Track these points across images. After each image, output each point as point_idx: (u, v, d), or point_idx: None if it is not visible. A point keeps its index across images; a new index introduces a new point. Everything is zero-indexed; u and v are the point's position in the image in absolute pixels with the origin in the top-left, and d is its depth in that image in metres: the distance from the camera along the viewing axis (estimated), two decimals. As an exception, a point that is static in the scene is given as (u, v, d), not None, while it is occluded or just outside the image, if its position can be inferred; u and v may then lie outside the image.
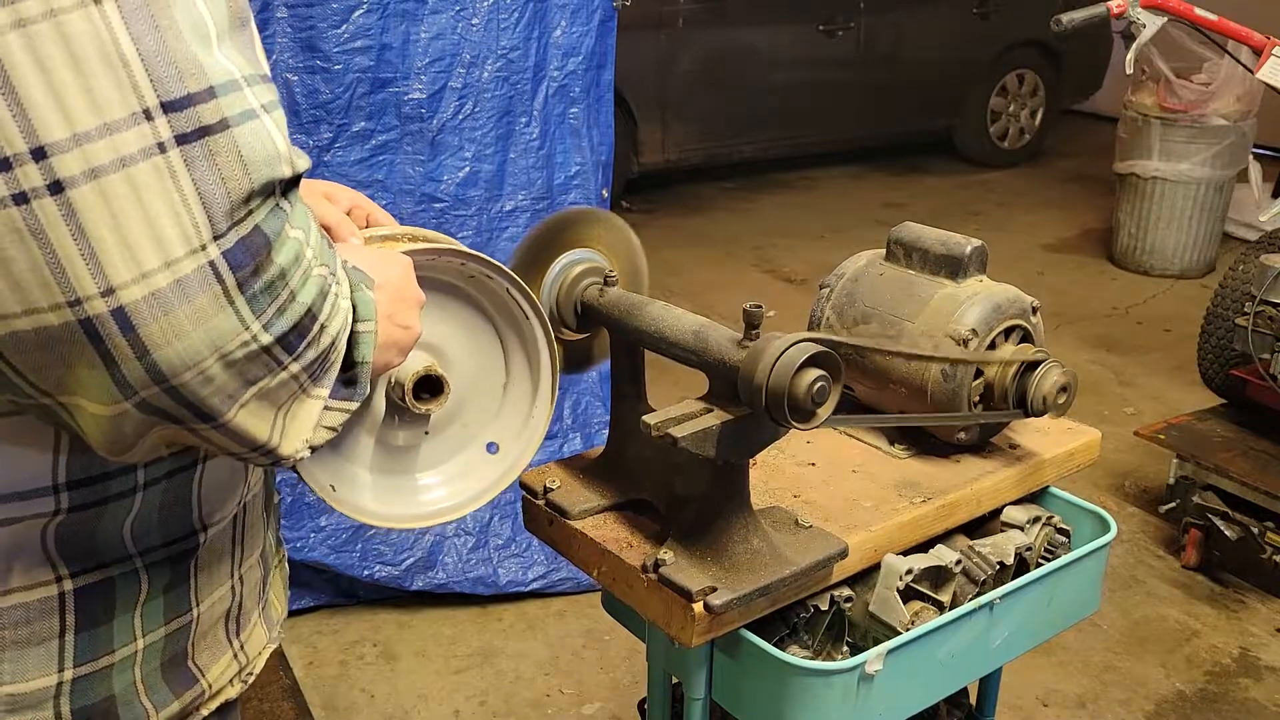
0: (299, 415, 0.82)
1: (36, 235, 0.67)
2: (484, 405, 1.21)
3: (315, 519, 2.76)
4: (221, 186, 0.70)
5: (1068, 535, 1.55)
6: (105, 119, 0.67)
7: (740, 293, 5.08)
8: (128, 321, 0.69)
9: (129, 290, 0.68)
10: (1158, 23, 3.42)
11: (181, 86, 0.68)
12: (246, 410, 0.77)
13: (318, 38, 2.52)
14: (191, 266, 0.70)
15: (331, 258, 0.81)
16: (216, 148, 0.69)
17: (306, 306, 0.76)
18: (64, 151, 0.66)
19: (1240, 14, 3.64)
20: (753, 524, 1.26)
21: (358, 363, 0.85)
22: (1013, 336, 1.49)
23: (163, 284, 0.69)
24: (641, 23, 5.73)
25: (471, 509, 1.20)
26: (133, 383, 0.71)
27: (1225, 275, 3.27)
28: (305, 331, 0.77)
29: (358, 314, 0.84)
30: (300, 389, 0.80)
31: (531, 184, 2.81)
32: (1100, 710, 2.66)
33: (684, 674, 1.36)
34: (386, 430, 1.14)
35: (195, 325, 0.70)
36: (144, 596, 0.93)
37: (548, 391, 1.22)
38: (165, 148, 0.68)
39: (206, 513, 0.96)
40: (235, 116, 0.70)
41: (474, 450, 1.21)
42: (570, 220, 1.39)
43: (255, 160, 0.71)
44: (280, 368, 0.77)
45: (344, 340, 0.82)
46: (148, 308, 0.69)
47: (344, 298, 0.82)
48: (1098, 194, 6.75)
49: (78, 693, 0.90)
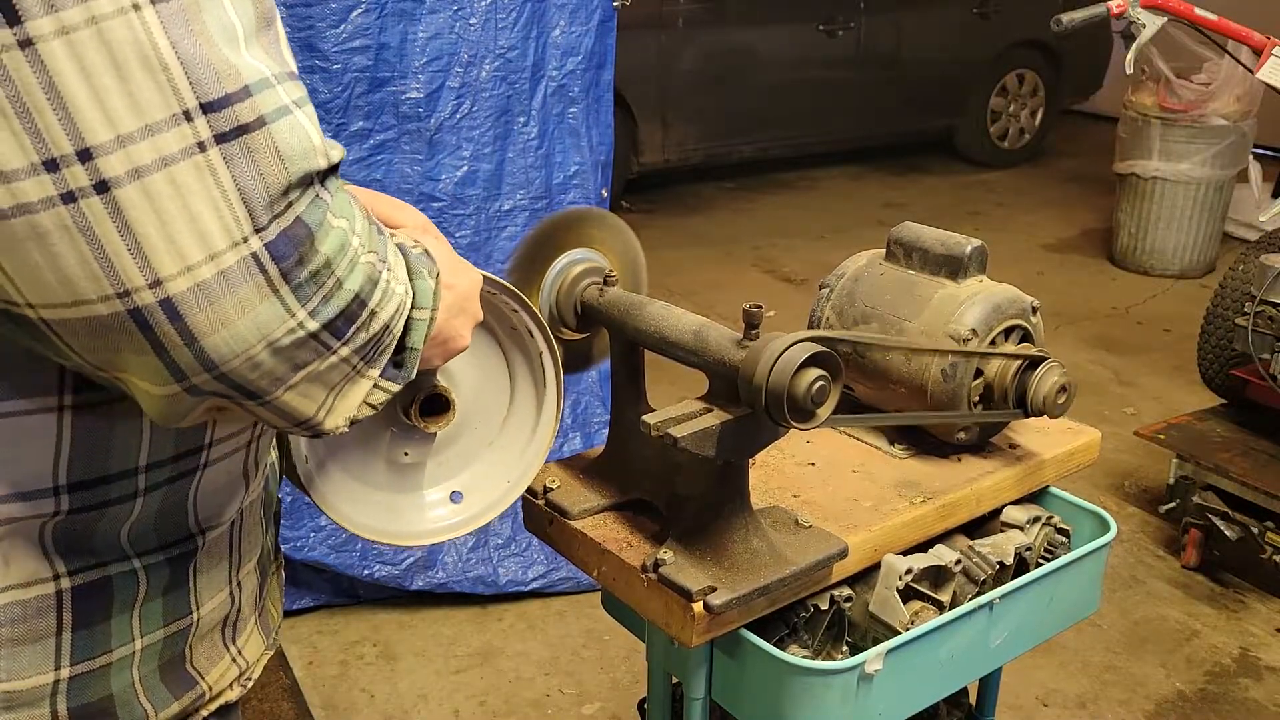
0: (349, 394, 0.85)
1: (84, 232, 0.69)
2: (489, 422, 1.21)
3: (315, 519, 2.76)
4: (260, 181, 0.72)
5: (1067, 535, 1.55)
6: (147, 121, 0.69)
7: (740, 293, 5.08)
8: (175, 311, 0.72)
9: (175, 282, 0.71)
10: (1158, 23, 3.42)
11: (219, 88, 0.71)
12: (295, 391, 0.80)
13: (316, 37, 2.52)
14: (234, 258, 0.72)
15: (382, 245, 0.83)
16: (254, 144, 0.72)
17: (354, 293, 0.79)
18: (108, 153, 0.69)
19: (1240, 14, 3.64)
20: (753, 524, 1.26)
21: (408, 347, 0.87)
22: (1013, 336, 1.49)
23: (207, 275, 0.72)
24: (641, 23, 5.73)
25: (479, 525, 1.20)
26: (184, 368, 0.74)
27: (1225, 275, 3.27)
28: (354, 317, 0.79)
29: (415, 300, 0.87)
30: (354, 370, 0.83)
31: (530, 183, 2.81)
32: (1100, 710, 2.66)
33: (684, 674, 1.36)
34: (393, 448, 1.14)
35: (240, 314, 0.73)
36: (142, 597, 0.93)
37: (552, 407, 1.22)
38: (205, 147, 0.71)
39: (204, 517, 0.96)
40: (271, 114, 0.73)
41: (481, 464, 1.21)
42: (570, 220, 1.39)
43: (292, 154, 0.73)
44: (330, 352, 0.79)
45: (399, 324, 0.85)
46: (194, 298, 0.72)
47: (398, 283, 0.84)
48: (1098, 194, 6.76)
49: (74, 691, 0.90)
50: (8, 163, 0.68)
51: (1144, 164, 5.31)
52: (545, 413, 1.22)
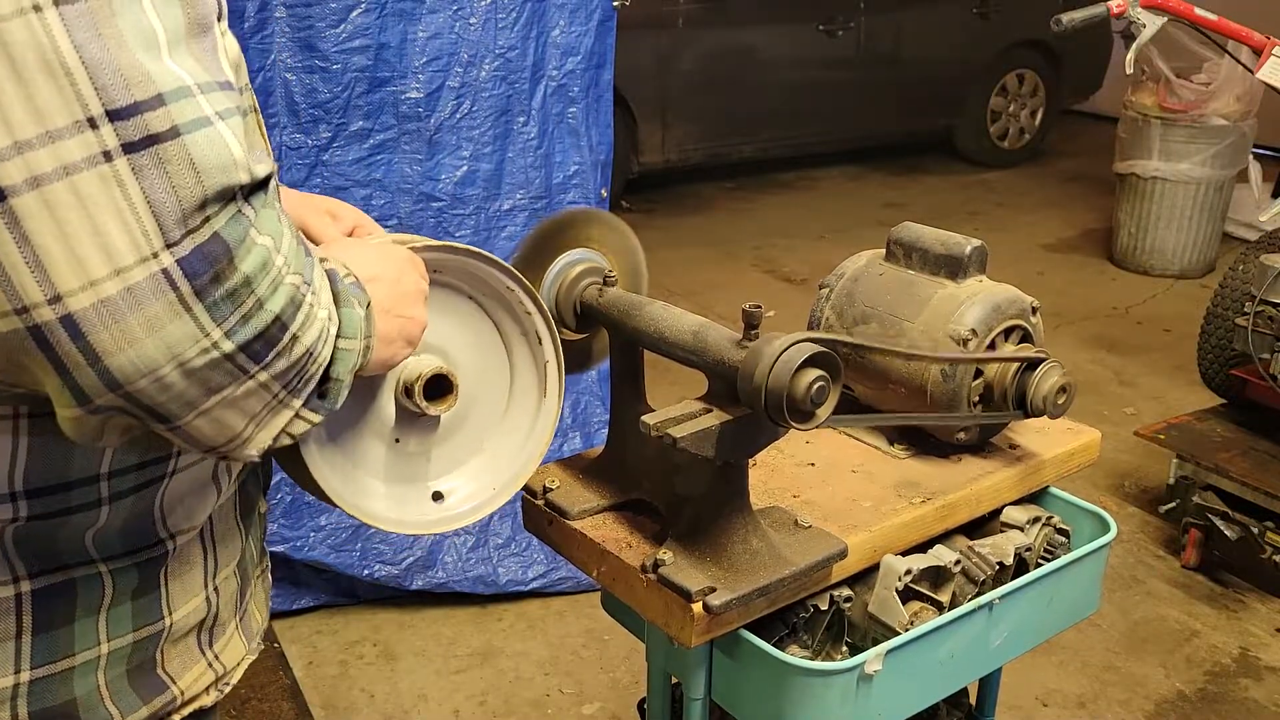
0: (269, 424, 0.81)
1: None
2: (493, 403, 1.21)
3: (315, 519, 2.76)
4: (172, 195, 0.69)
5: (1067, 535, 1.55)
6: (47, 127, 0.66)
7: (740, 293, 5.08)
8: (77, 329, 0.69)
9: (76, 298, 0.68)
10: (1158, 23, 3.42)
11: (128, 95, 0.68)
12: (207, 417, 0.76)
13: (316, 37, 2.52)
14: (143, 274, 0.69)
15: (307, 267, 0.80)
16: (166, 155, 0.69)
17: (275, 315, 0.75)
18: (5, 160, 0.66)
19: (1240, 14, 3.64)
20: (752, 524, 1.26)
21: (333, 378, 0.84)
22: (1012, 337, 1.49)
23: (111, 292, 0.69)
24: (641, 23, 5.73)
25: (485, 513, 1.20)
26: (87, 390, 0.71)
27: (1225, 275, 3.26)
28: (274, 341, 0.76)
29: (341, 330, 0.83)
30: (274, 399, 0.80)
31: (530, 183, 2.81)
32: (1100, 710, 2.66)
33: (684, 674, 1.36)
34: (397, 436, 1.14)
35: (149, 332, 0.70)
36: (109, 601, 0.92)
37: (555, 389, 1.21)
38: (111, 156, 0.68)
39: (172, 523, 0.95)
40: (186, 124, 0.70)
41: (483, 454, 1.21)
42: (570, 220, 1.39)
43: (209, 167, 0.70)
44: (247, 376, 0.76)
45: (325, 352, 0.81)
46: (96, 315, 0.69)
47: (321, 307, 0.81)
48: (1098, 194, 6.75)
49: (35, 695, 0.89)
50: None
51: (1144, 164, 5.31)
52: (547, 399, 1.22)
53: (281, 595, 2.87)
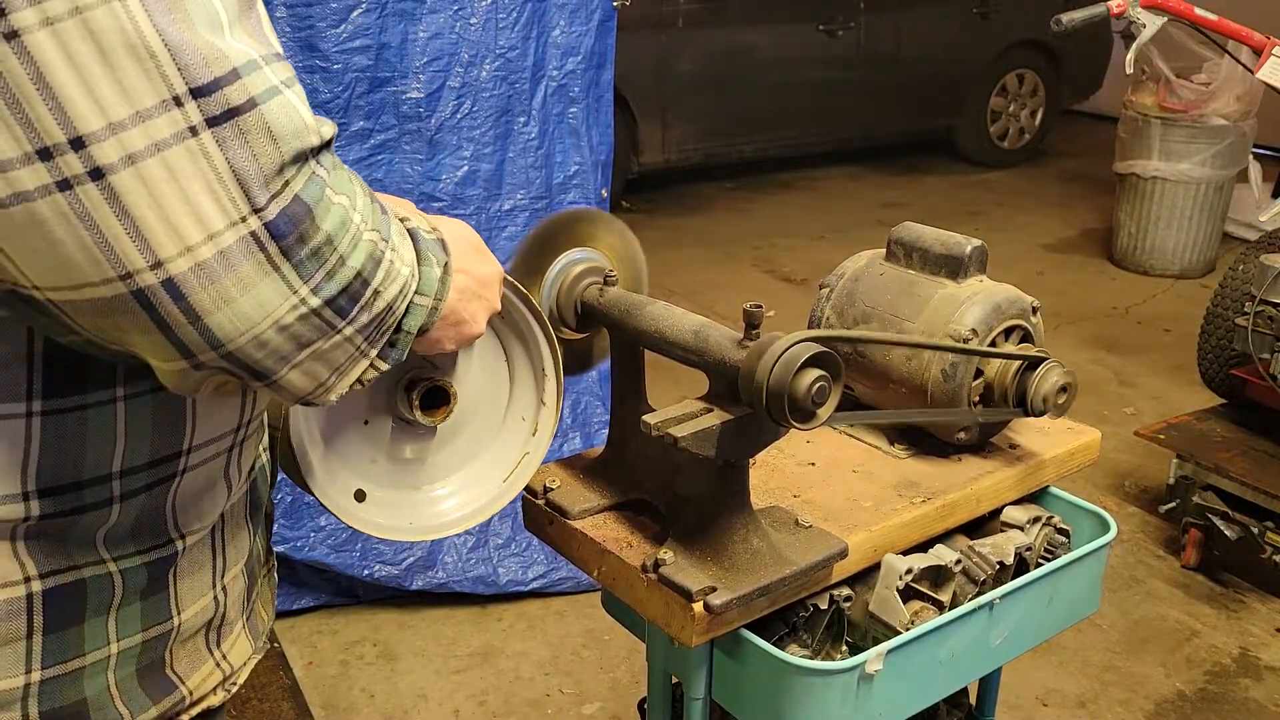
0: (349, 373, 0.86)
1: (83, 218, 0.70)
2: (490, 416, 1.21)
3: (315, 519, 2.76)
4: (254, 162, 0.73)
5: (1068, 535, 1.55)
6: (137, 107, 0.70)
7: (740, 293, 5.08)
8: (178, 290, 0.73)
9: (175, 263, 0.72)
10: (1158, 23, 3.42)
11: (208, 72, 0.71)
12: (299, 369, 0.81)
13: (316, 37, 2.52)
14: (233, 238, 0.73)
15: (385, 224, 0.84)
16: (246, 126, 0.73)
17: (356, 270, 0.79)
18: (101, 140, 0.70)
19: (1240, 14, 3.64)
20: (753, 524, 1.26)
21: (404, 330, 0.88)
22: (1013, 336, 1.49)
23: (206, 255, 0.73)
24: (641, 23, 5.73)
25: (481, 519, 1.20)
26: (191, 346, 0.76)
27: (1225, 275, 3.27)
28: (357, 296, 0.80)
29: (420, 286, 0.88)
30: (358, 351, 0.84)
31: (530, 183, 2.81)
32: (1100, 710, 2.66)
33: (684, 674, 1.36)
34: (394, 443, 1.14)
35: (242, 291, 0.74)
36: (119, 601, 0.92)
37: (553, 402, 1.21)
38: (197, 130, 0.72)
39: (184, 522, 0.95)
40: (261, 95, 0.73)
41: (481, 461, 1.21)
42: (570, 220, 1.39)
43: (284, 134, 0.74)
44: (334, 331, 0.80)
45: (403, 306, 0.86)
46: (195, 277, 0.73)
47: (404, 264, 0.85)
48: (1098, 194, 6.76)
49: (46, 695, 0.89)
50: (2, 153, 0.68)
51: (1144, 164, 5.31)
52: (546, 407, 1.22)
53: (281, 595, 2.87)
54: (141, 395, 0.87)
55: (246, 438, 1.00)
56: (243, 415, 0.98)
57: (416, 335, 0.90)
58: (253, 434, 1.02)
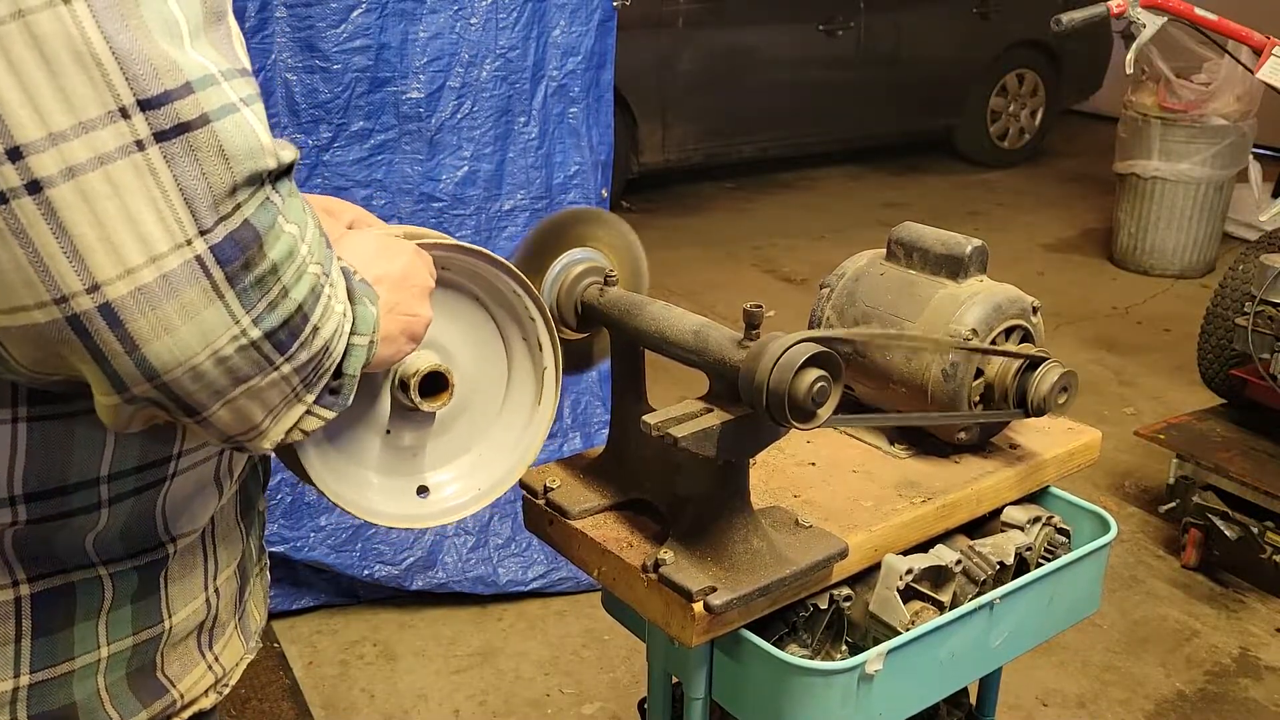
0: (284, 418, 0.81)
1: (18, 235, 0.67)
2: (488, 403, 1.21)
3: (315, 519, 2.76)
4: (204, 181, 0.69)
5: (1068, 535, 1.55)
6: (80, 118, 0.67)
7: (740, 293, 5.08)
8: (115, 317, 0.69)
9: (114, 286, 0.69)
10: (1158, 23, 3.42)
11: (158, 84, 0.68)
12: (231, 407, 0.77)
13: (316, 37, 2.52)
14: (177, 261, 0.69)
15: (327, 259, 0.80)
16: (197, 143, 0.69)
17: (298, 304, 0.75)
18: (40, 151, 0.66)
19: (1240, 14, 3.64)
20: (753, 524, 1.26)
21: (346, 374, 0.84)
22: (1013, 336, 1.49)
23: (148, 279, 0.69)
24: (641, 23, 5.73)
25: (478, 507, 1.20)
26: (125, 378, 0.72)
27: (1225, 275, 3.27)
28: (297, 331, 0.76)
29: (355, 326, 0.83)
30: (293, 392, 0.80)
31: (530, 183, 2.81)
32: (1100, 710, 2.66)
33: (684, 673, 1.36)
34: (392, 430, 1.14)
35: (184, 319, 0.70)
36: (109, 605, 0.91)
37: (552, 388, 1.21)
38: (144, 145, 0.68)
39: (174, 526, 0.94)
40: (215, 111, 0.70)
41: (479, 449, 1.21)
42: (570, 220, 1.39)
43: (237, 154, 0.70)
44: (271, 367, 0.76)
45: (339, 347, 0.81)
46: (134, 303, 0.69)
47: (339, 301, 0.81)
48: (1098, 194, 6.76)
49: (35, 699, 0.89)
50: None
51: (1144, 164, 5.31)
52: (545, 391, 1.21)
53: (281, 595, 2.87)
54: None
55: None
56: None
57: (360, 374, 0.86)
58: None
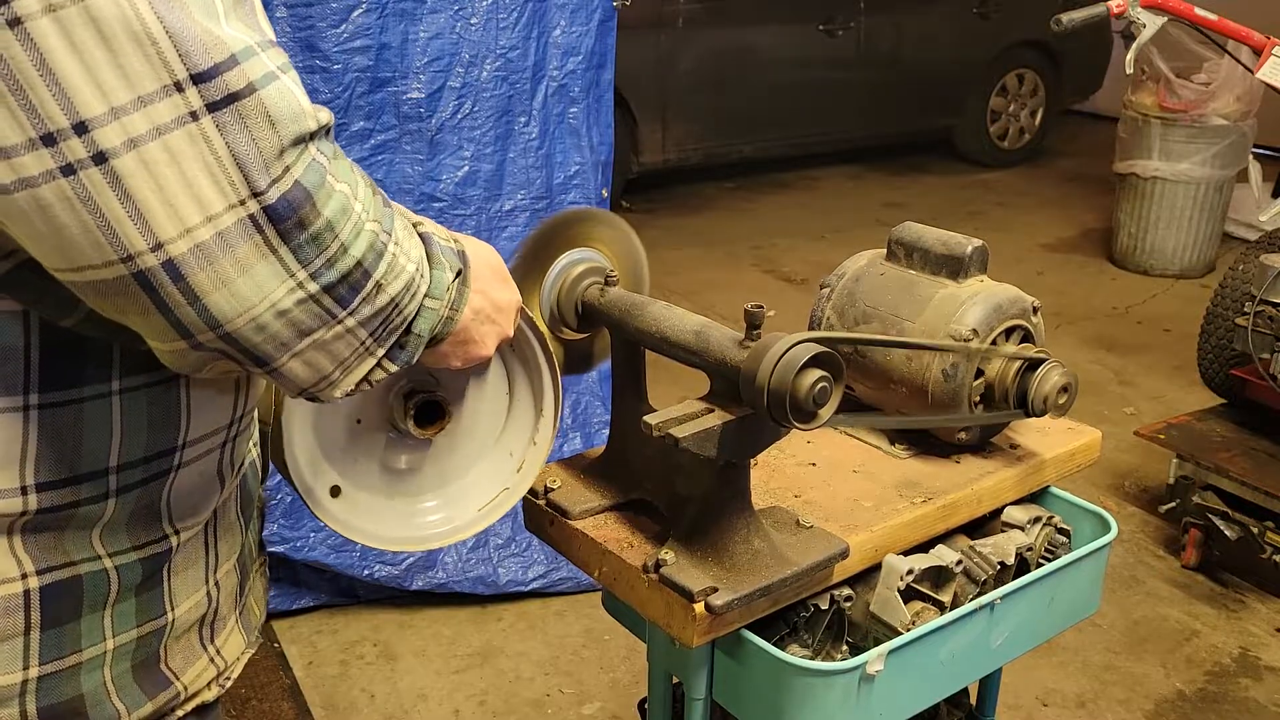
0: (355, 370, 0.86)
1: (85, 202, 0.72)
2: (487, 430, 1.21)
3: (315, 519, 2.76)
4: (254, 146, 0.74)
5: (1068, 535, 1.55)
6: (139, 93, 0.71)
7: (740, 293, 5.08)
8: (177, 271, 0.74)
9: (176, 244, 0.74)
10: (1158, 23, 3.42)
11: (208, 58, 0.72)
12: (300, 359, 0.81)
13: (316, 37, 2.52)
14: (231, 220, 0.74)
15: (388, 217, 0.84)
16: (246, 111, 0.74)
17: (357, 260, 0.80)
18: (103, 125, 0.71)
19: (1240, 14, 3.64)
20: (754, 524, 1.26)
21: (414, 332, 0.88)
22: (1013, 336, 1.49)
23: (205, 237, 0.74)
24: (641, 23, 5.73)
25: (471, 533, 1.20)
26: (189, 326, 0.77)
27: (1225, 275, 3.26)
28: (358, 286, 0.81)
29: (431, 289, 0.88)
30: (362, 347, 0.84)
31: (531, 183, 2.81)
32: (1100, 710, 2.66)
33: (684, 674, 1.36)
34: (389, 454, 1.14)
35: (240, 272, 0.75)
36: (114, 597, 0.92)
37: (550, 417, 1.21)
38: (198, 115, 0.73)
39: (178, 517, 0.96)
40: (259, 80, 0.74)
41: (474, 474, 1.21)
42: (571, 220, 1.39)
43: (283, 118, 0.75)
44: (334, 320, 0.81)
45: (411, 306, 0.86)
46: (194, 258, 0.74)
47: (409, 261, 0.85)
48: (1098, 194, 6.76)
49: (44, 691, 0.90)
50: (6, 139, 0.70)
51: (1144, 164, 5.31)
52: (535, 448, 1.22)
53: (281, 595, 2.87)
54: (137, 389, 0.88)
55: (239, 433, 1.01)
56: (235, 411, 0.99)
57: (428, 343, 0.90)
58: (245, 430, 1.02)
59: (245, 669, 1.10)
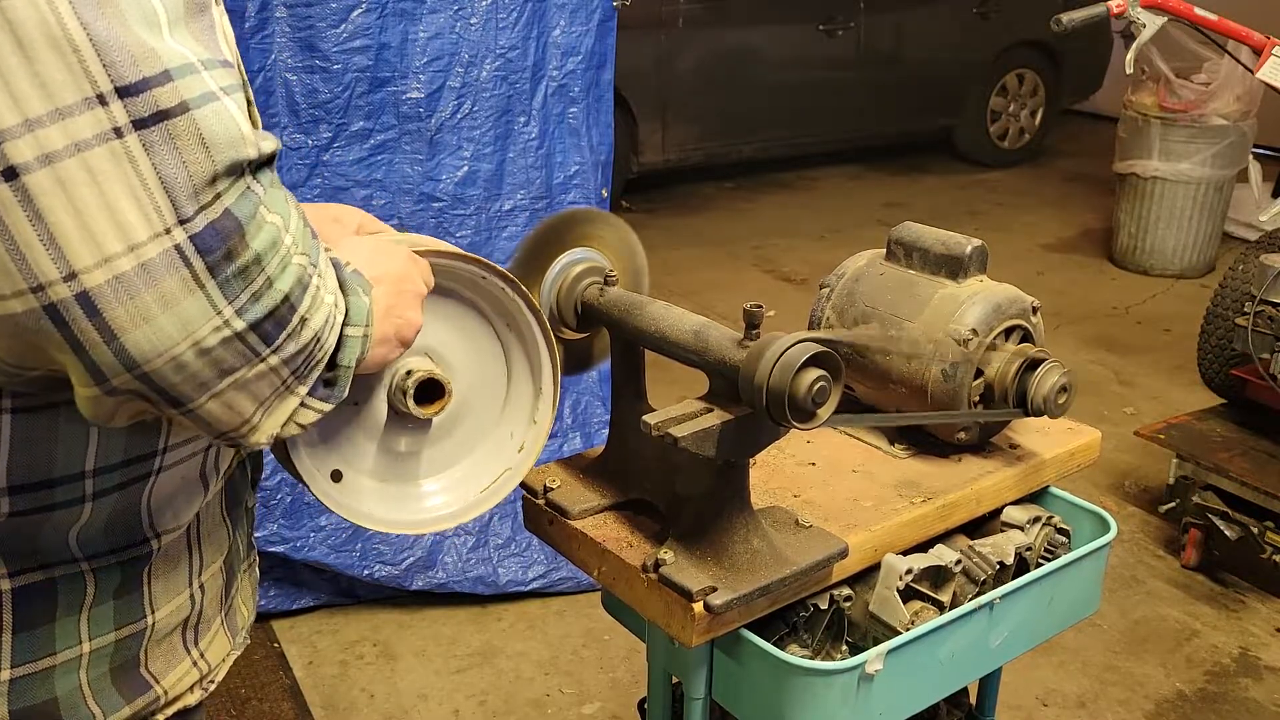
0: (276, 411, 0.80)
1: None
2: (486, 410, 1.21)
3: (315, 519, 2.76)
4: (184, 170, 0.69)
5: (1068, 535, 1.55)
6: (57, 104, 0.66)
7: (740, 293, 5.08)
8: (92, 306, 0.68)
9: (91, 275, 0.68)
10: (1158, 23, 3.42)
11: (136, 71, 0.67)
12: (219, 400, 0.76)
13: (316, 37, 2.52)
14: (156, 250, 0.69)
15: (314, 249, 0.79)
16: (176, 131, 0.68)
17: (284, 294, 0.75)
18: (15, 138, 0.65)
19: (1240, 14, 3.64)
20: (753, 524, 1.26)
21: (340, 365, 0.83)
22: (1013, 336, 1.49)
23: (126, 268, 0.68)
24: (641, 23, 5.73)
25: (475, 514, 1.20)
26: (104, 369, 0.71)
27: (1225, 275, 3.27)
28: (284, 321, 0.75)
29: (349, 317, 0.83)
30: (283, 385, 0.79)
31: (530, 183, 2.81)
32: (1100, 710, 2.66)
33: (684, 673, 1.36)
34: (389, 436, 1.14)
35: (163, 309, 0.70)
36: (90, 600, 0.91)
37: (550, 394, 1.21)
38: (122, 132, 0.67)
39: (159, 522, 0.94)
40: (194, 99, 0.69)
41: (476, 455, 1.21)
42: (570, 220, 1.39)
43: (218, 142, 0.70)
44: (258, 359, 0.75)
45: (330, 338, 0.81)
46: (112, 291, 0.68)
47: (328, 292, 0.80)
48: (1098, 194, 6.76)
49: (16, 694, 0.88)
50: None
51: (1144, 164, 5.31)
52: (543, 397, 1.21)
53: (281, 595, 2.87)
54: None
55: None
56: None
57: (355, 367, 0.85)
58: None
59: (245, 669, 1.10)
